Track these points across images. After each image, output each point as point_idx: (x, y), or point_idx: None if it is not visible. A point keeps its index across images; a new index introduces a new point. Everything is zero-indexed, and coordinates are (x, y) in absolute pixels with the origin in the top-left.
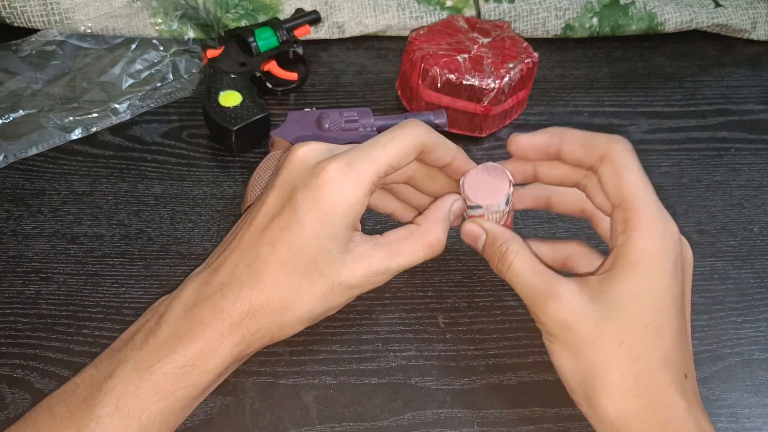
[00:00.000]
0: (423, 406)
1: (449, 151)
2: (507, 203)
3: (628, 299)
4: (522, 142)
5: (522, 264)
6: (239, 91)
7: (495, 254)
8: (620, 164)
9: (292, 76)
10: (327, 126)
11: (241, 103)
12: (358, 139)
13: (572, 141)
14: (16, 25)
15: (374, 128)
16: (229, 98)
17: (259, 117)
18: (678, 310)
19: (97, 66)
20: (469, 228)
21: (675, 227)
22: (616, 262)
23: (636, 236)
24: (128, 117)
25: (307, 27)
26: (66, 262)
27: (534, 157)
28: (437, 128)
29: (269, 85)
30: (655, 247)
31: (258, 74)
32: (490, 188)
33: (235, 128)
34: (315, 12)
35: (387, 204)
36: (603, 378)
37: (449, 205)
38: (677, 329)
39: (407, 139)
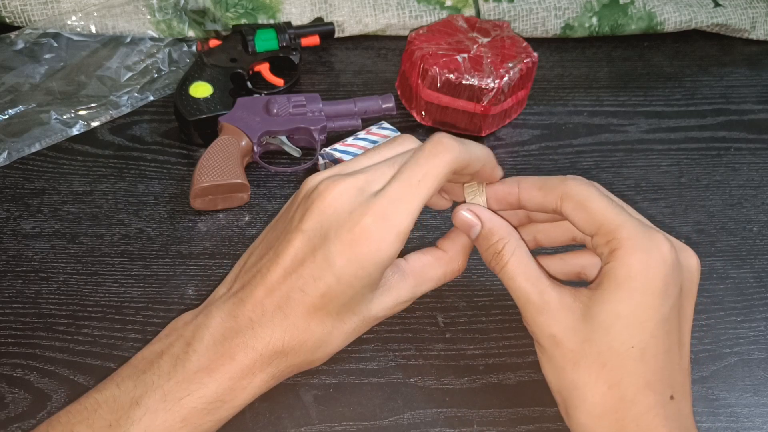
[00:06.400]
0: (422, 405)
1: (478, 162)
2: None
3: (614, 320)
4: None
5: (516, 267)
6: (213, 84)
7: (490, 251)
8: (580, 198)
9: (279, 81)
10: (275, 111)
11: (210, 96)
12: (307, 123)
13: (528, 188)
14: (16, 24)
15: (322, 113)
16: (200, 89)
17: (219, 113)
18: (667, 331)
19: (93, 59)
20: (463, 216)
21: (664, 240)
22: (603, 279)
23: (622, 254)
24: (129, 110)
25: (316, 37)
26: (66, 262)
27: (497, 207)
28: (385, 113)
29: (250, 85)
30: (641, 264)
31: (242, 72)
32: None
33: (191, 119)
34: (330, 24)
35: None
36: (583, 399)
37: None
38: (664, 350)
39: (441, 171)
